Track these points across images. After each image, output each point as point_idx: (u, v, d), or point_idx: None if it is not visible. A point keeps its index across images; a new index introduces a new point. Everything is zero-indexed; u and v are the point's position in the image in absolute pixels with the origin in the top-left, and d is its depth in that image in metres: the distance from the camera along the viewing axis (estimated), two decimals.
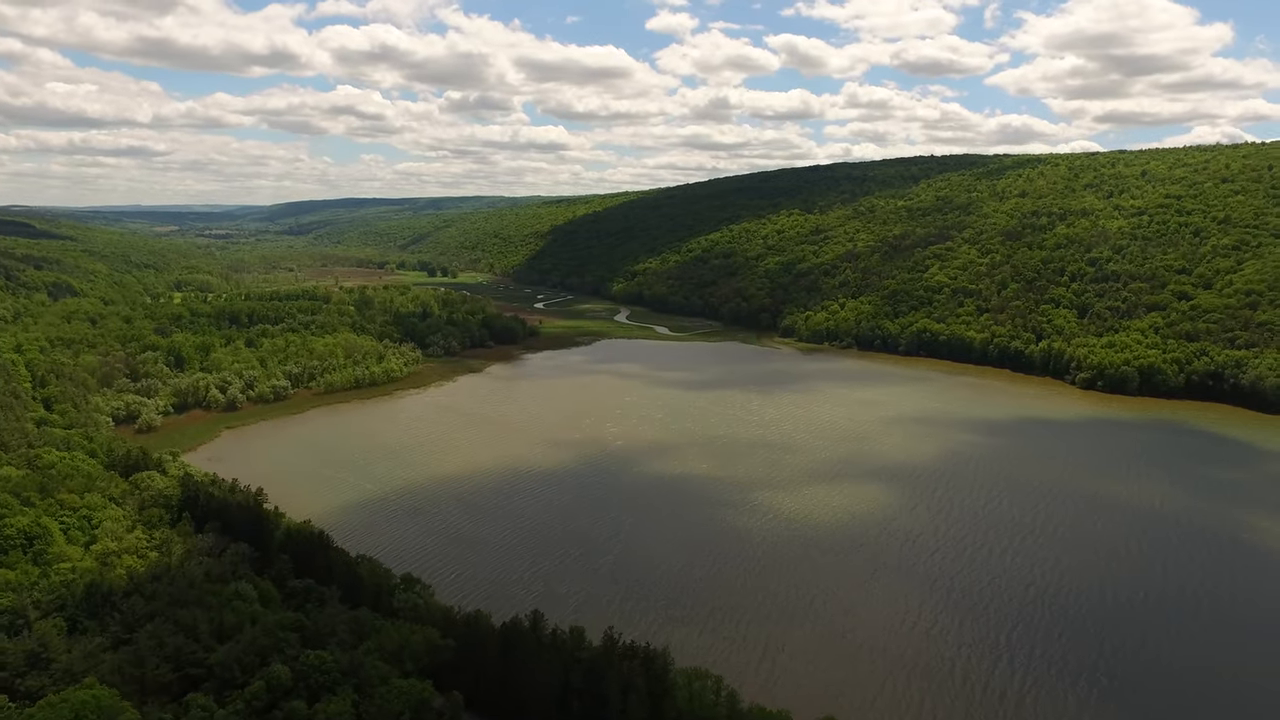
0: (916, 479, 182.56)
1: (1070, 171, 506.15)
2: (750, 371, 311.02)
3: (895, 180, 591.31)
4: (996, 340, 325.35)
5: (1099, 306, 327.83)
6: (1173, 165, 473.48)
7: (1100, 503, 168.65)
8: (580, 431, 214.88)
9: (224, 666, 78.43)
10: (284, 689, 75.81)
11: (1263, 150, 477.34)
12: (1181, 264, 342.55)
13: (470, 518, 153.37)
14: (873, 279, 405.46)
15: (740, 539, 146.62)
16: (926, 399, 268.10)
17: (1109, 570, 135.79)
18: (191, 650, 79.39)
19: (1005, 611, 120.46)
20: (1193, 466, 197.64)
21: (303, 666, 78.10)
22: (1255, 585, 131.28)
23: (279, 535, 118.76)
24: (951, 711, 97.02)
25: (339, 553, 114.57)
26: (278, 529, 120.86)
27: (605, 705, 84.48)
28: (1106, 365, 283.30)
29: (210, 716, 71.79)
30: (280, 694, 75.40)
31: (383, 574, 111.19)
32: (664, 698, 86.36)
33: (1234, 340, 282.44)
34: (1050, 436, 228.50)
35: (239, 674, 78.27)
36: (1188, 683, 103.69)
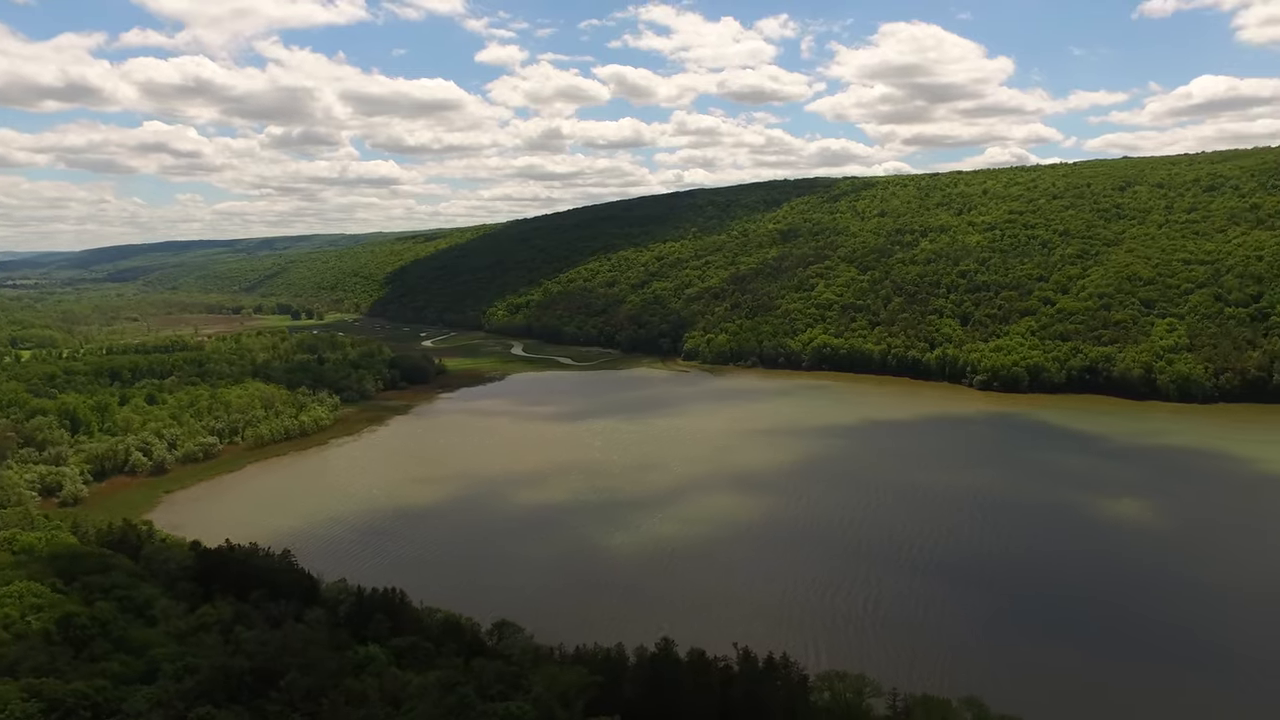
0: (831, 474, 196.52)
1: (920, 191, 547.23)
2: (679, 394, 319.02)
3: (759, 204, 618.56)
4: (894, 351, 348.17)
5: (979, 314, 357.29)
6: (1008, 184, 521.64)
7: (953, 486, 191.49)
8: (566, 465, 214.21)
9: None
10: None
11: (1077, 170, 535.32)
12: (1039, 273, 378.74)
13: (503, 560, 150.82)
14: (764, 299, 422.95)
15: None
16: (840, 408, 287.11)
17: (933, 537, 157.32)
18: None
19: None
20: (1039, 452, 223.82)
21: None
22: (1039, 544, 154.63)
23: (346, 597, 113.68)
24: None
25: (414, 608, 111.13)
26: (345, 591, 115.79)
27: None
28: (999, 367, 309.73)
29: None
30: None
31: (467, 622, 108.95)
32: (804, 703, 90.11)
33: (1100, 338, 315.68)
34: (947, 433, 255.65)
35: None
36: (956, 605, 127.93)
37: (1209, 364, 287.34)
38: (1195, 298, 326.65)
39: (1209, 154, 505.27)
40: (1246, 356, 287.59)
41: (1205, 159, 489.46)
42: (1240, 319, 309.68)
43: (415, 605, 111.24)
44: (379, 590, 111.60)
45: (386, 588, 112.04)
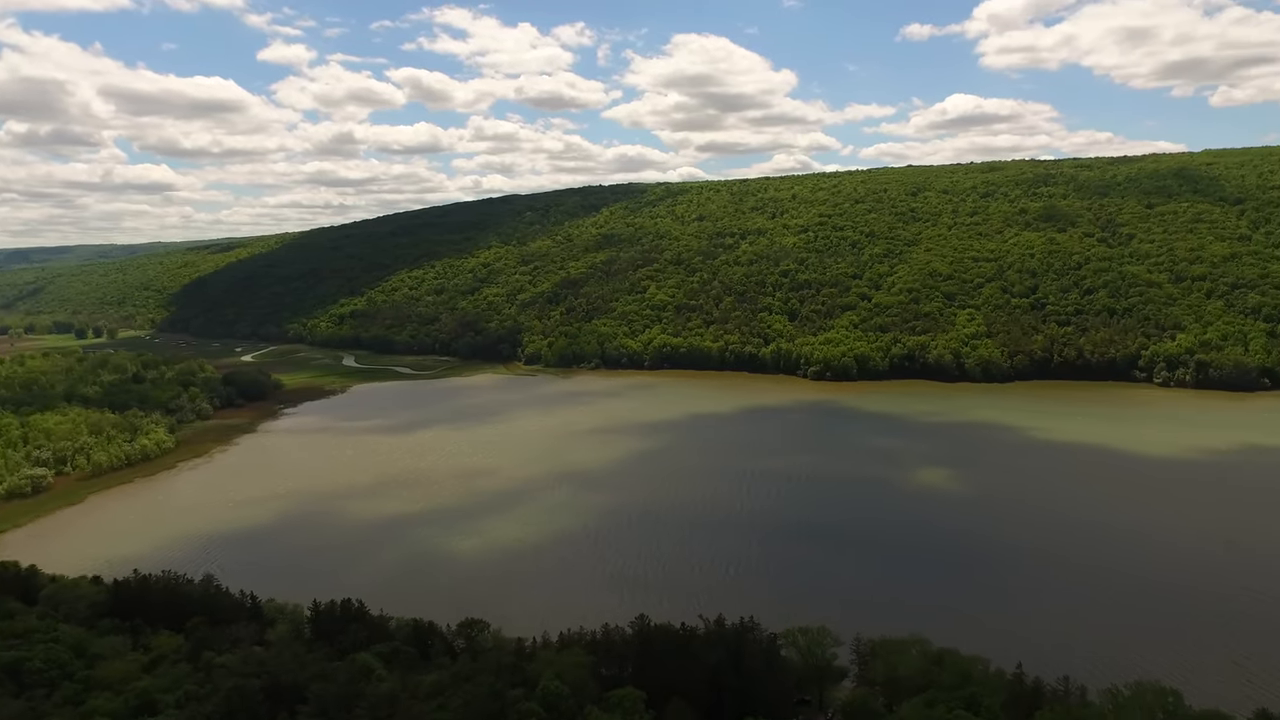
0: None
1: (734, 196, 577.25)
2: (517, 399, 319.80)
3: (578, 209, 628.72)
4: (731, 347, 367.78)
5: (805, 310, 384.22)
6: (814, 189, 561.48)
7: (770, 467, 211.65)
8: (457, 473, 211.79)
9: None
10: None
11: (874, 176, 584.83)
12: (853, 270, 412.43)
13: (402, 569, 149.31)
14: (598, 302, 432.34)
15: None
16: (669, 404, 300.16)
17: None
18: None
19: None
20: (862, 436, 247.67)
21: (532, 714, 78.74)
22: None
23: (292, 613, 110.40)
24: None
25: (375, 616, 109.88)
26: (281, 610, 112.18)
27: (750, 679, 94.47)
28: (829, 358, 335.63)
29: None
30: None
31: (428, 627, 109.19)
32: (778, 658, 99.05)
33: (914, 328, 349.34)
34: (768, 422, 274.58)
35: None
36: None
37: (1004, 348, 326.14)
38: (987, 290, 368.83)
39: (980, 164, 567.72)
40: (1033, 340, 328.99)
41: (978, 169, 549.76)
42: (1024, 308, 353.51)
43: (375, 614, 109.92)
44: (335, 603, 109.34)
45: (344, 599, 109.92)
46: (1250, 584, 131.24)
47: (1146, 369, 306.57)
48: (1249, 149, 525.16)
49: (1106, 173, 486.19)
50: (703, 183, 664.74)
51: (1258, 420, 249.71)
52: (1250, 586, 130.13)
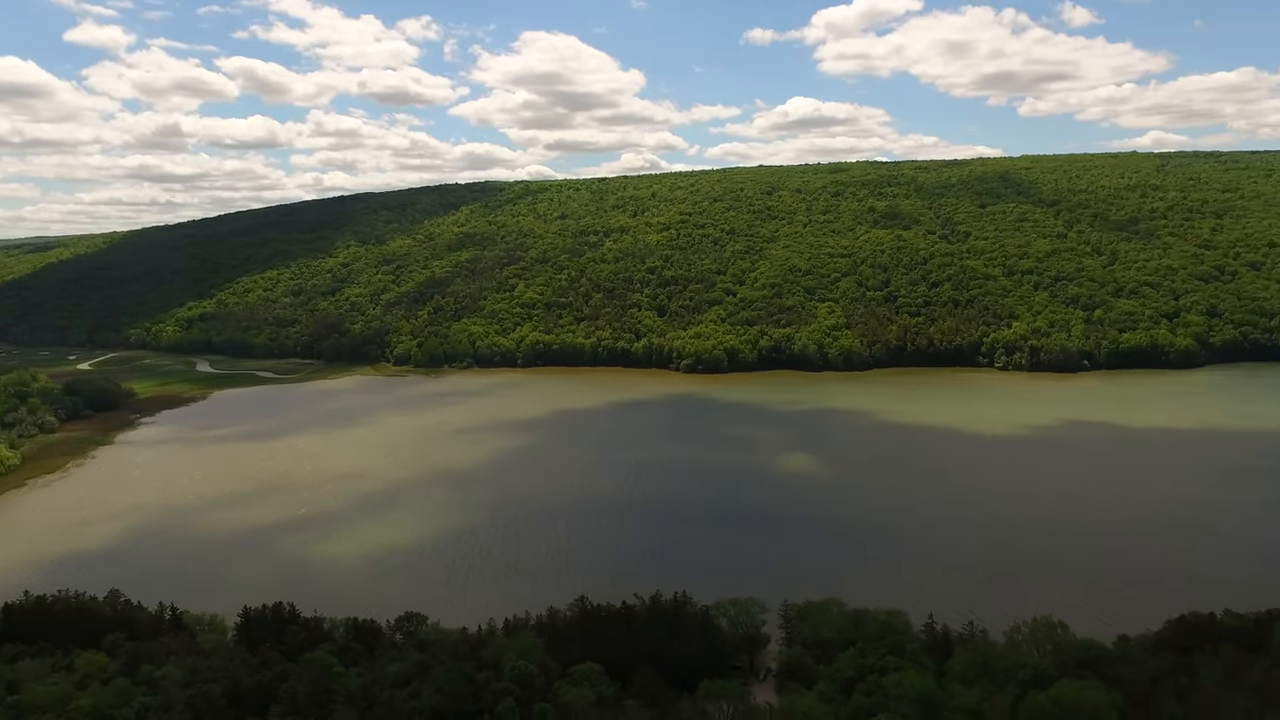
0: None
1: (594, 195, 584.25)
2: (384, 400, 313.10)
3: (436, 208, 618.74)
4: (604, 343, 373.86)
5: (674, 306, 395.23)
6: (672, 188, 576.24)
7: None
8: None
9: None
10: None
11: (731, 174, 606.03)
12: (717, 267, 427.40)
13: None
14: (466, 301, 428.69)
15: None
16: (537, 401, 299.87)
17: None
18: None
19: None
20: (730, 426, 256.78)
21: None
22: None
23: (215, 623, 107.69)
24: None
25: (309, 617, 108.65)
26: (202, 620, 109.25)
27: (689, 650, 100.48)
28: (700, 351, 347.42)
29: None
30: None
31: (370, 622, 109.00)
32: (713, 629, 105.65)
33: (779, 321, 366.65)
34: (636, 416, 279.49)
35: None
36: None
37: (863, 338, 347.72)
38: (844, 284, 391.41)
39: (827, 165, 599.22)
40: (888, 330, 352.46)
41: (826, 169, 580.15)
42: (878, 300, 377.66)
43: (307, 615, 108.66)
44: (266, 607, 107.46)
45: (275, 602, 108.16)
46: (1073, 527, 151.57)
47: (988, 354, 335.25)
48: (1058, 156, 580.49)
49: (942, 175, 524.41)
50: (563, 181, 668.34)
51: (1077, 398, 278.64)
52: (1072, 529, 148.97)
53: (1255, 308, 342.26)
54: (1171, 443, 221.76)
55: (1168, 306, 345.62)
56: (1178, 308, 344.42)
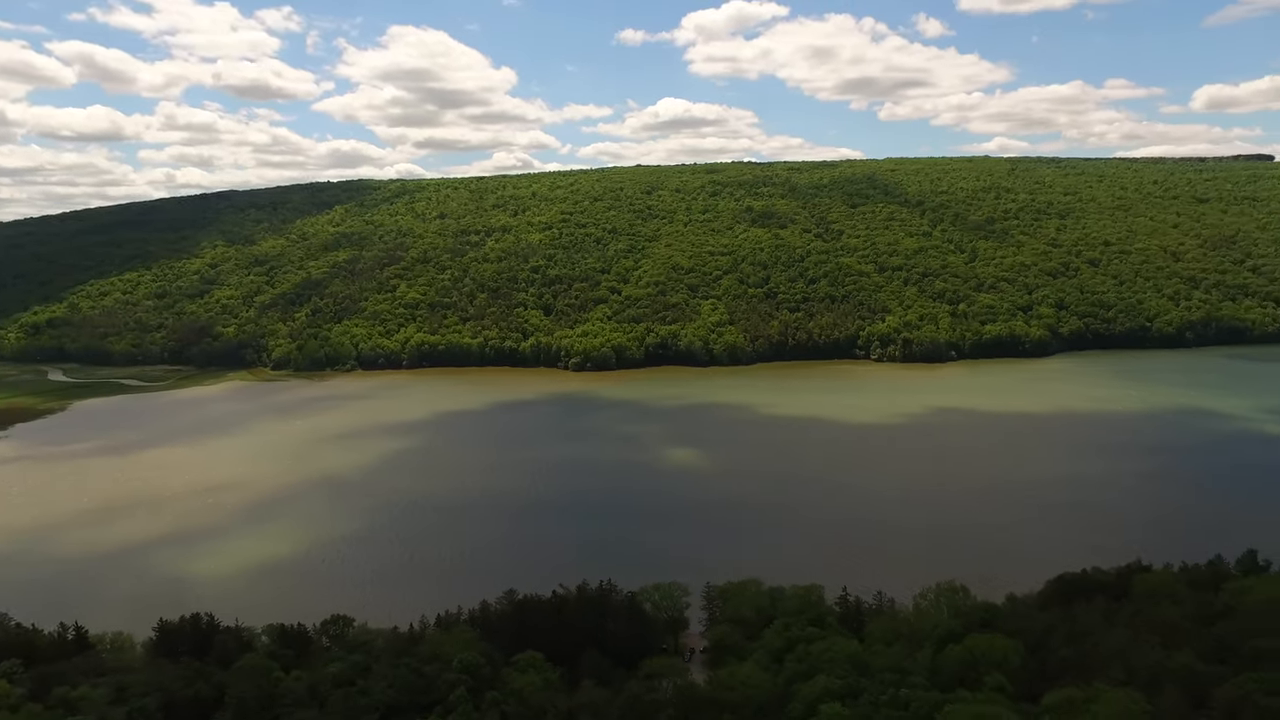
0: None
1: (473, 194, 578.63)
2: (256, 408, 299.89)
3: (309, 206, 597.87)
4: (491, 343, 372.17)
5: (560, 305, 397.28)
6: (552, 187, 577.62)
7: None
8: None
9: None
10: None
11: (610, 174, 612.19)
12: (601, 265, 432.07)
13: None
14: (346, 302, 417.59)
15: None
16: (420, 403, 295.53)
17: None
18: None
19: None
20: (616, 423, 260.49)
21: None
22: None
23: (125, 643, 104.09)
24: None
25: (231, 627, 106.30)
26: (116, 639, 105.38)
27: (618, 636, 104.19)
28: (589, 349, 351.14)
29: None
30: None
31: (294, 629, 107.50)
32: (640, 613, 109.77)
33: (664, 318, 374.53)
34: (519, 416, 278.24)
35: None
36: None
37: (747, 334, 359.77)
38: (725, 282, 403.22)
39: (704, 165, 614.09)
40: (770, 326, 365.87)
41: (703, 169, 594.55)
42: (759, 297, 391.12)
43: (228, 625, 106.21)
44: (185, 618, 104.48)
45: (193, 614, 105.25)
46: (951, 503, 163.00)
47: (864, 347, 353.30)
48: (919, 159, 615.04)
49: (813, 176, 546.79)
50: (440, 180, 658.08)
51: (947, 386, 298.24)
52: (951, 505, 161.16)
53: (1095, 300, 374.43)
54: (1032, 425, 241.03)
55: (1022, 300, 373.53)
56: (1031, 301, 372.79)
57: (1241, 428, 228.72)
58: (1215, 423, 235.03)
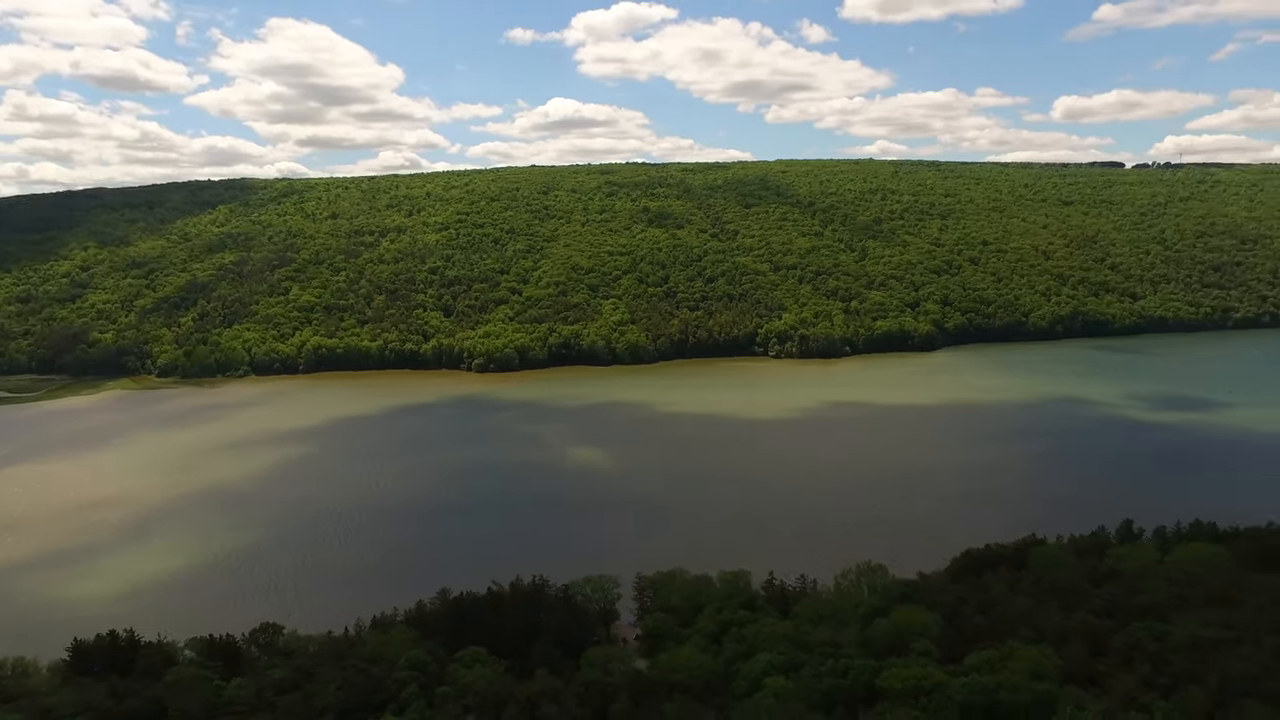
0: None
1: (365, 194, 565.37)
2: (136, 418, 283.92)
3: (189, 206, 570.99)
4: (391, 345, 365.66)
5: (460, 306, 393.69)
6: (446, 187, 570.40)
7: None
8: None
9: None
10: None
11: (504, 174, 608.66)
12: (500, 266, 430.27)
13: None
14: (236, 306, 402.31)
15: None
16: (311, 409, 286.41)
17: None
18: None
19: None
20: (522, 424, 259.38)
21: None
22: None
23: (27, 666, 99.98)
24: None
25: (154, 642, 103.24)
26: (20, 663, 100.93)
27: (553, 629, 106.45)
28: (492, 350, 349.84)
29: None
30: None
31: (224, 640, 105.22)
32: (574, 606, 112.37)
33: (566, 318, 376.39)
34: (419, 420, 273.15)
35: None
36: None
37: (648, 332, 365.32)
38: (625, 281, 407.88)
39: (599, 166, 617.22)
40: (671, 325, 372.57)
41: (598, 169, 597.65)
42: (659, 296, 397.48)
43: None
44: (102, 636, 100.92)
45: (109, 631, 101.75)
46: (851, 490, 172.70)
47: (763, 344, 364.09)
48: (808, 161, 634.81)
49: (707, 177, 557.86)
50: (329, 179, 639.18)
51: (842, 381, 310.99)
52: (851, 492, 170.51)
53: (976, 297, 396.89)
54: (925, 415, 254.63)
55: (910, 297, 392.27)
56: (918, 298, 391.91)
57: (1109, 413, 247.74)
58: (1086, 409, 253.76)
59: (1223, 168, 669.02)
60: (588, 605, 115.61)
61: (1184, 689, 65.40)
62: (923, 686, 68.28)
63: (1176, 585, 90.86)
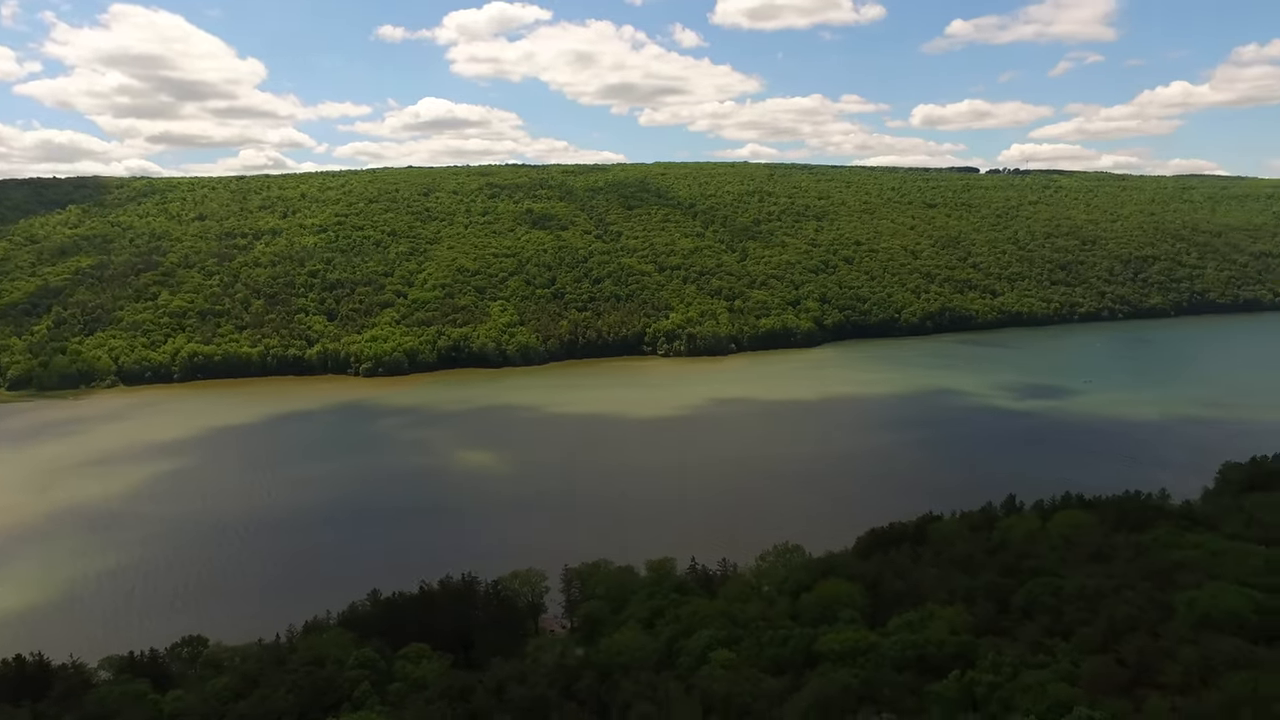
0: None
1: (234, 195, 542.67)
2: (9, 430, 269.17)
3: (32, 204, 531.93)
4: (273, 351, 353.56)
5: (344, 310, 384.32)
6: (322, 188, 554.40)
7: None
8: None
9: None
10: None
11: (382, 175, 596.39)
12: (383, 269, 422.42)
13: None
14: (98, 313, 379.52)
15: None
16: (183, 420, 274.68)
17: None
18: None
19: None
20: (407, 430, 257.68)
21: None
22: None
23: None
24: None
25: (72, 664, 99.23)
26: None
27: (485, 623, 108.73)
28: (380, 354, 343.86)
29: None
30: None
31: (150, 657, 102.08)
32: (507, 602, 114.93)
33: (455, 321, 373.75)
34: (300, 428, 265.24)
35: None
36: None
37: (538, 334, 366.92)
38: (512, 283, 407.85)
39: (479, 167, 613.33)
40: (560, 325, 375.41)
41: (478, 171, 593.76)
42: (547, 298, 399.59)
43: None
44: (9, 661, 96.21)
45: (15, 656, 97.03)
46: (747, 480, 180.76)
47: (652, 343, 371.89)
48: (687, 164, 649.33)
49: (589, 179, 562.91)
50: (196, 179, 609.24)
51: (729, 378, 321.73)
52: (747, 482, 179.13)
53: (852, 294, 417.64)
54: (812, 409, 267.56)
55: (791, 295, 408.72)
56: (798, 296, 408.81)
57: (977, 402, 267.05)
58: (957, 399, 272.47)
59: (1063, 174, 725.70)
60: (516, 600, 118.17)
61: (1079, 632, 74.70)
62: (857, 648, 74.92)
63: (1058, 548, 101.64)
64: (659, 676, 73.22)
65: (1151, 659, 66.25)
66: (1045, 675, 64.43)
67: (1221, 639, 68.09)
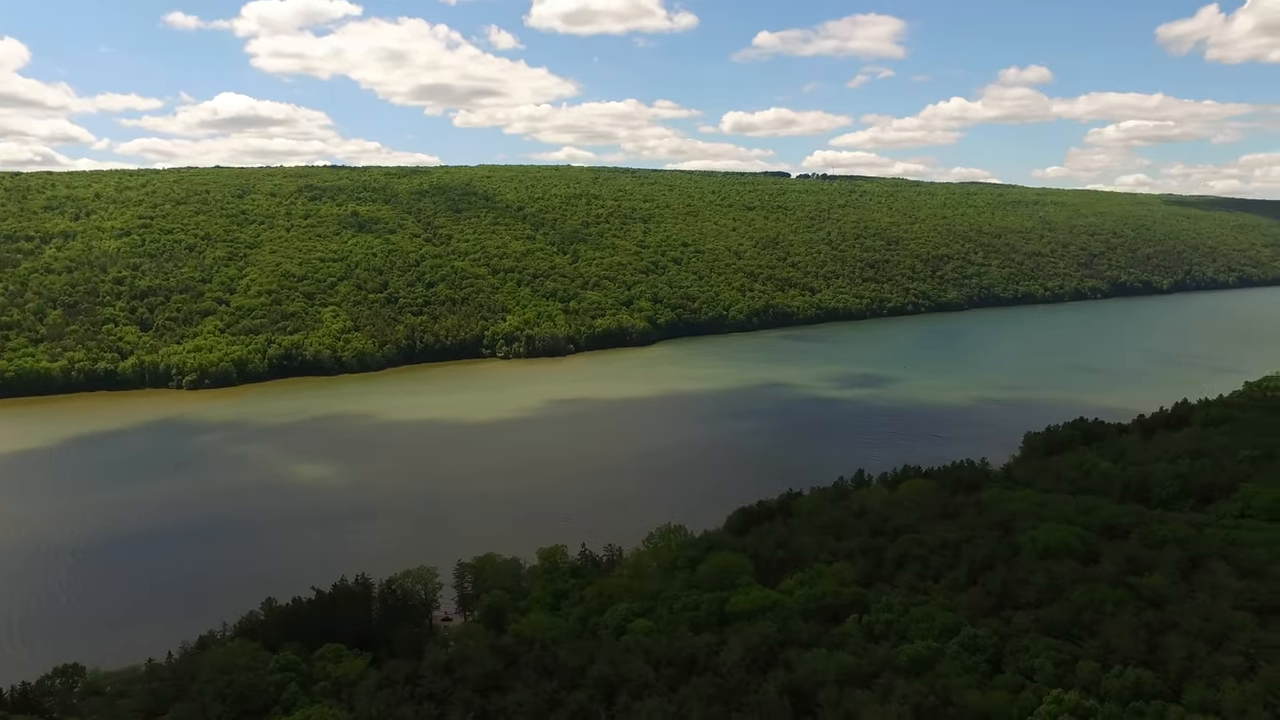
0: None
1: (7, 193, 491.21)
2: None
3: None
4: (79, 365, 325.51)
5: (159, 319, 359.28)
6: (120, 188, 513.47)
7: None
8: None
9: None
10: None
11: (189, 175, 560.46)
12: (201, 275, 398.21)
13: None
14: None
15: None
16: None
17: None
18: None
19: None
20: (232, 445, 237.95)
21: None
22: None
23: None
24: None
25: None
26: None
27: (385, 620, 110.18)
28: (205, 365, 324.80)
29: None
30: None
31: (21, 692, 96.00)
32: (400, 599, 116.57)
33: (285, 328, 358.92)
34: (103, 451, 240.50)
35: None
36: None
37: (374, 339, 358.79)
38: (343, 288, 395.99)
39: (297, 168, 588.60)
40: (396, 330, 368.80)
41: (295, 173, 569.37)
42: (380, 302, 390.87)
43: None
44: None
45: None
46: (599, 473, 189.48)
47: (491, 346, 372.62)
48: (512, 167, 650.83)
49: (413, 183, 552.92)
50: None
51: (568, 378, 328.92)
52: (599, 476, 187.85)
53: (682, 294, 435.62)
54: (651, 404, 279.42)
55: (624, 295, 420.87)
56: (631, 296, 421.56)
57: (803, 393, 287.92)
58: (787, 390, 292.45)
59: (864, 180, 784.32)
60: (410, 597, 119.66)
61: (947, 574, 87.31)
62: (765, 605, 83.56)
63: (912, 511, 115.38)
64: (595, 642, 78.54)
65: (1011, 586, 79.35)
66: (930, 609, 75.65)
67: (1060, 565, 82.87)
